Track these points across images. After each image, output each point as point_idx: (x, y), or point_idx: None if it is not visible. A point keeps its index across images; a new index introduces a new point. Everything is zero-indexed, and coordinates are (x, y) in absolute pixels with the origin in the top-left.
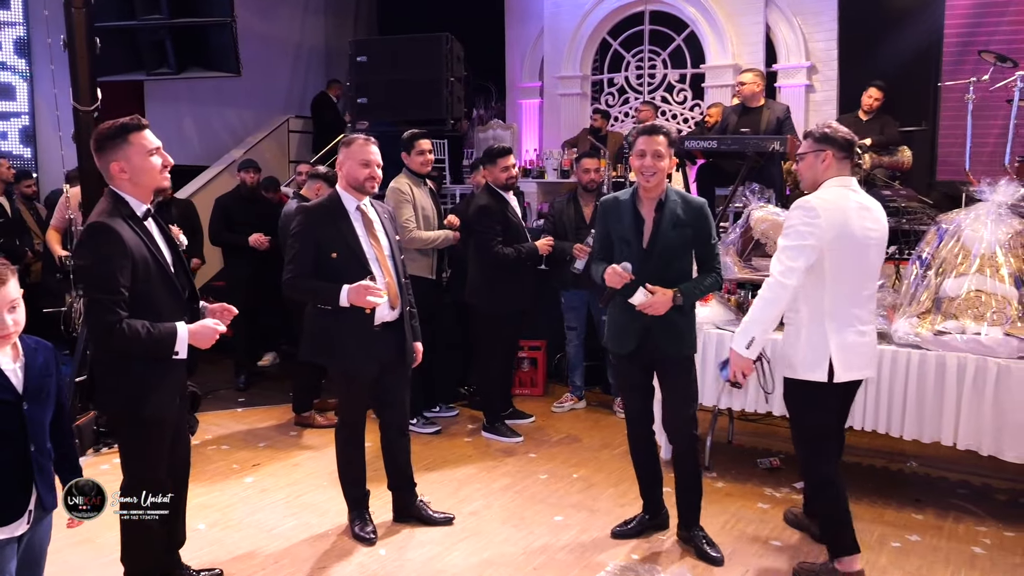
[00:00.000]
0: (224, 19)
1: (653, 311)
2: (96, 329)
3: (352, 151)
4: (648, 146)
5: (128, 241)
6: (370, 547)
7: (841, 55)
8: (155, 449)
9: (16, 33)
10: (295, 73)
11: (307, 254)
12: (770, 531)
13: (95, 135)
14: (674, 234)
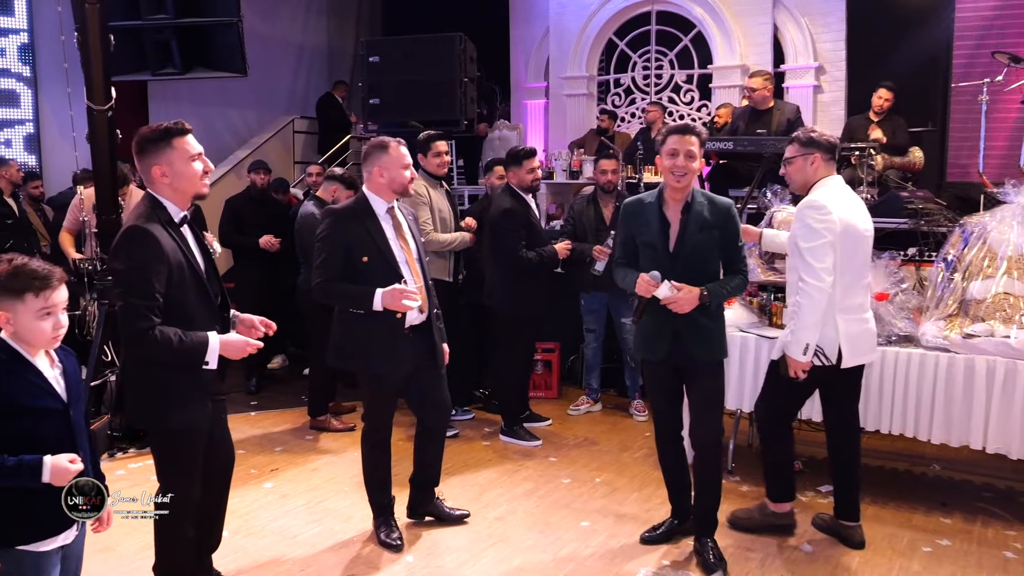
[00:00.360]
0: (230, 19)
1: (678, 307)
2: (128, 334)
3: (392, 156)
4: (681, 145)
5: (165, 246)
6: (397, 553)
7: (849, 56)
8: (187, 460)
9: (20, 39)
10: (298, 74)
11: (337, 258)
12: (799, 536)
13: (137, 137)
14: (701, 236)
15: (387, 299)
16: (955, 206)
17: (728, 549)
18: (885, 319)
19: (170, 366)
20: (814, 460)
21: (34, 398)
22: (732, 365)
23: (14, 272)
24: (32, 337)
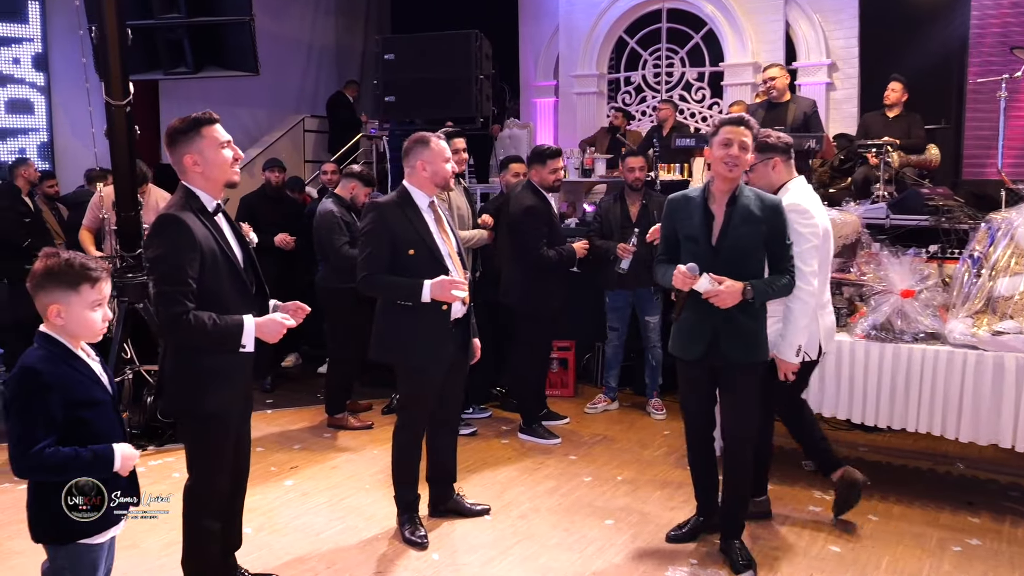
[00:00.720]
0: (242, 18)
1: (719, 301)
2: (163, 319)
3: (434, 150)
4: (735, 136)
5: (197, 234)
6: (422, 551)
7: (862, 53)
8: (218, 449)
9: (34, 48)
10: (307, 73)
11: (383, 251)
12: (826, 536)
13: (168, 130)
14: (745, 230)
15: (436, 290)
16: (972, 203)
17: (754, 549)
18: (911, 316)
19: (206, 351)
20: None
21: (88, 390)
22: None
23: (69, 264)
24: (83, 329)
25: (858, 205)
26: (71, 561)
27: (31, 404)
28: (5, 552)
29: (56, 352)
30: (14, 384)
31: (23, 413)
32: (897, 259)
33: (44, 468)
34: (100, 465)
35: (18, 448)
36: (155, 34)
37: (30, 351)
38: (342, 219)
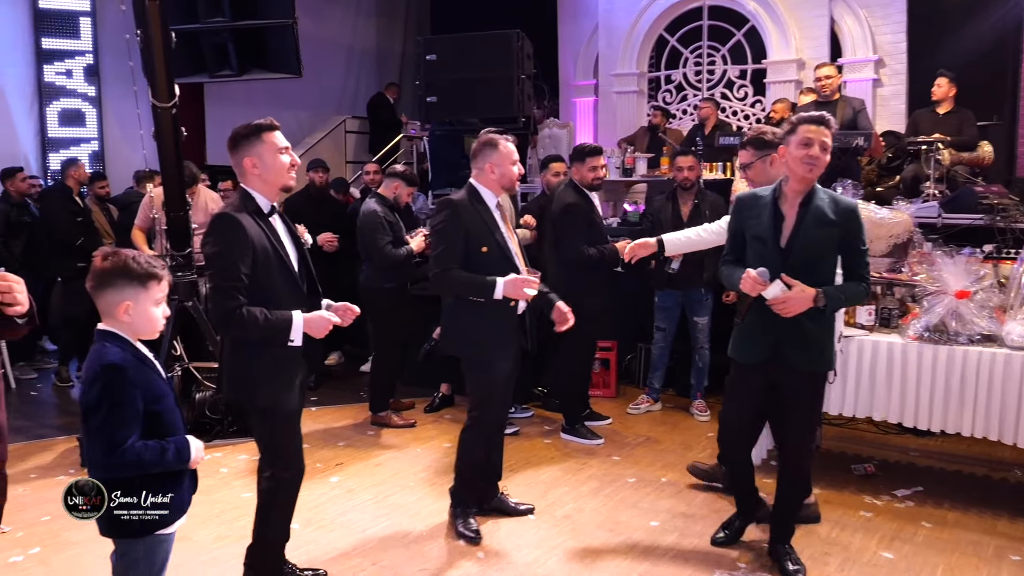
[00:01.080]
0: (286, 21)
1: (786, 309)
2: (217, 313)
3: (503, 153)
4: (816, 136)
5: (251, 233)
6: (473, 546)
7: (911, 48)
8: (283, 436)
9: (86, 61)
10: (348, 75)
11: (458, 247)
12: (878, 542)
13: (232, 134)
14: (818, 233)
15: (509, 288)
16: None
17: (804, 554)
18: (966, 318)
19: (258, 346)
20: (887, 463)
21: (158, 384)
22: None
23: (136, 262)
24: (148, 325)
25: (909, 204)
26: (147, 552)
27: (121, 401)
28: (62, 543)
29: (128, 349)
30: (101, 383)
31: (114, 410)
32: (951, 259)
33: (137, 463)
34: (182, 457)
35: (111, 445)
36: (200, 38)
37: (104, 349)
38: (385, 219)
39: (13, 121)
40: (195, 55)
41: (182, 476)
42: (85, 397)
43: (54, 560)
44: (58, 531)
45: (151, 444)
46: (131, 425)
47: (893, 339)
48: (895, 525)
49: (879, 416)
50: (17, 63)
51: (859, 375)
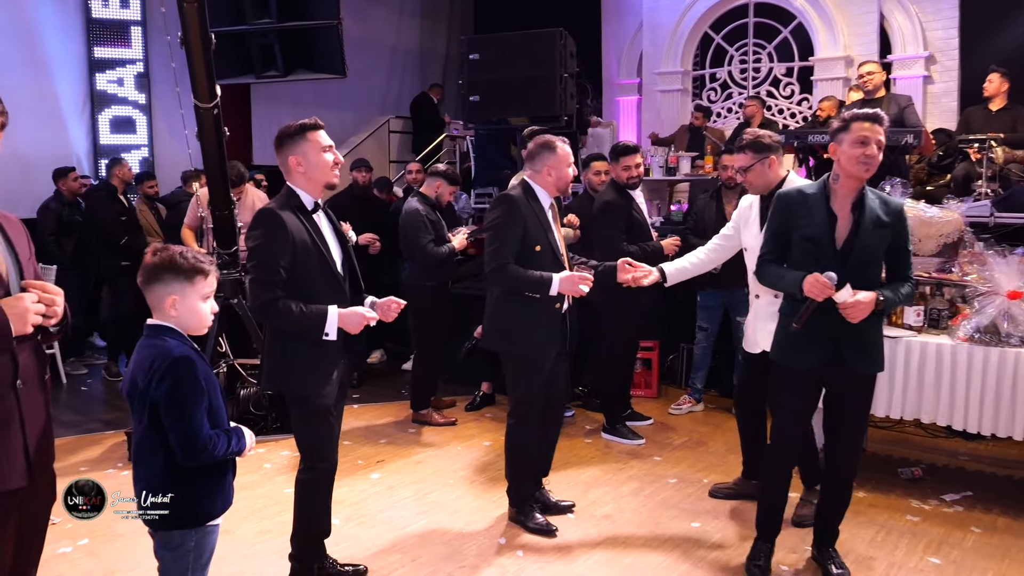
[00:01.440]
0: (330, 22)
1: (854, 313)
2: (256, 304)
3: (560, 156)
4: (872, 134)
5: (290, 228)
6: (551, 537)
7: (963, 44)
8: (318, 429)
9: (137, 69)
10: (392, 75)
11: (515, 243)
12: (925, 547)
13: (278, 133)
14: (874, 235)
15: (565, 285)
16: None
17: (848, 558)
18: (1019, 319)
19: (296, 338)
20: (934, 467)
21: (211, 377)
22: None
23: (183, 257)
24: (195, 319)
25: (960, 203)
26: (198, 542)
27: (194, 393)
28: (111, 534)
29: (187, 342)
30: (173, 376)
31: (188, 402)
32: (1003, 259)
33: (212, 452)
34: (241, 444)
35: (190, 437)
36: (247, 39)
37: (166, 344)
38: (427, 217)
39: (67, 127)
40: (242, 56)
41: (229, 467)
42: (155, 391)
43: (103, 551)
44: (107, 523)
45: (219, 433)
46: (204, 415)
47: (942, 340)
48: (943, 530)
49: (927, 419)
50: (71, 71)
51: (907, 377)
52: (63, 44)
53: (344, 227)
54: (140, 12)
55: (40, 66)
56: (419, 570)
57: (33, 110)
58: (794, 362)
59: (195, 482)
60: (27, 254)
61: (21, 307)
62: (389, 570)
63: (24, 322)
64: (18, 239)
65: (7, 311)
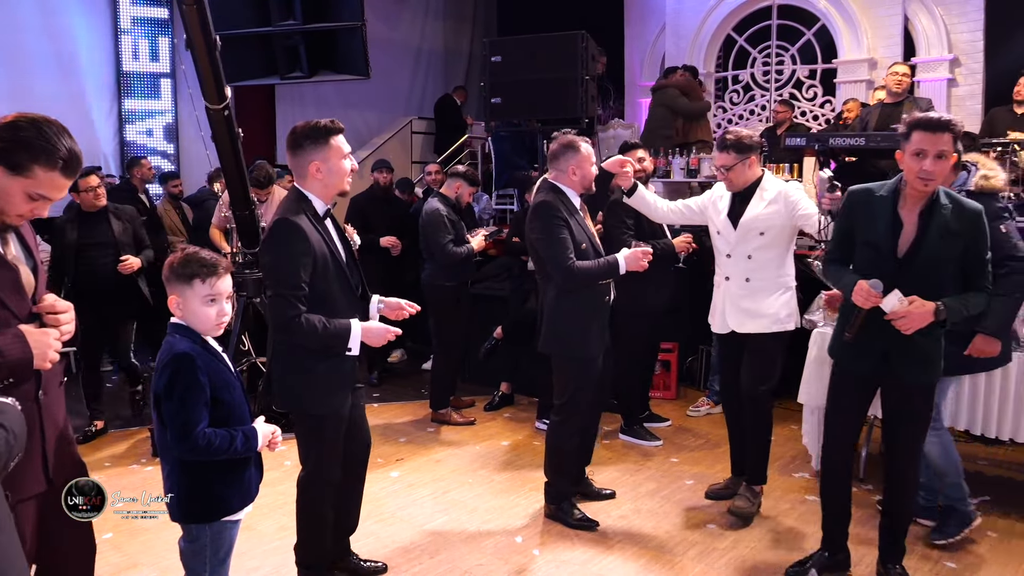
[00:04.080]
0: (355, 23)
1: (906, 325)
2: (278, 323)
3: (583, 155)
4: (931, 145)
5: (311, 238)
6: (593, 531)
7: (988, 46)
8: (328, 442)
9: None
10: (415, 76)
11: (569, 243)
12: (940, 550)
13: (294, 133)
14: (940, 245)
15: (631, 261)
16: None
17: (863, 561)
18: None
19: (314, 353)
20: None
21: (224, 374)
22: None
23: (185, 260)
24: (198, 322)
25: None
26: (213, 537)
27: (192, 388)
28: (135, 528)
29: (196, 339)
30: (171, 370)
31: (185, 396)
32: None
33: (208, 448)
34: (250, 445)
35: (184, 430)
36: (272, 41)
37: (174, 340)
38: (448, 218)
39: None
40: (267, 57)
41: (248, 464)
42: (156, 384)
43: (127, 545)
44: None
45: (220, 431)
46: (201, 411)
47: None
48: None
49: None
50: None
51: None
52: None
53: (349, 231)
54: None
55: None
56: (438, 567)
57: (61, 111)
58: (846, 365)
59: (211, 477)
60: (39, 260)
61: (45, 342)
62: (409, 567)
63: (44, 359)
64: (33, 245)
65: (32, 344)
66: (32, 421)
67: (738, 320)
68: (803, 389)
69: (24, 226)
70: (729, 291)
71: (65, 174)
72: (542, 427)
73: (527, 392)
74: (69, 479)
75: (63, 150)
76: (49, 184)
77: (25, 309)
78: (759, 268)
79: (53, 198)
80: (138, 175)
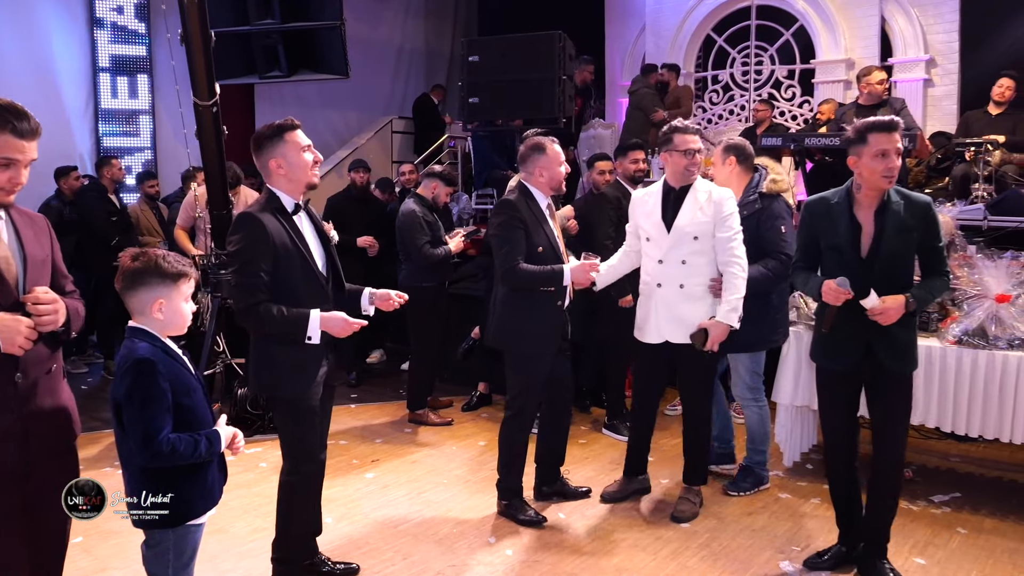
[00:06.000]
0: (333, 23)
1: (885, 319)
2: (238, 308)
3: (550, 156)
4: (891, 144)
5: (271, 231)
6: (540, 528)
7: (963, 47)
8: (304, 432)
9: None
10: (397, 75)
11: (521, 244)
12: (911, 547)
13: (255, 136)
14: (898, 240)
15: (577, 274)
16: None
17: (829, 557)
18: (1006, 322)
19: (281, 340)
20: (925, 468)
21: (186, 378)
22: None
23: (168, 260)
24: (179, 321)
25: (953, 206)
26: (176, 542)
27: (153, 394)
28: (104, 532)
29: (157, 344)
30: (132, 377)
31: (147, 403)
32: (992, 262)
33: (172, 455)
34: (214, 447)
35: (146, 438)
36: (251, 39)
37: (133, 345)
38: (424, 219)
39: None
40: (245, 57)
41: (210, 466)
42: (116, 391)
43: (97, 549)
44: (100, 521)
45: (184, 437)
46: (163, 417)
47: (932, 343)
48: (930, 531)
49: (918, 420)
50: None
51: None
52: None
53: (327, 227)
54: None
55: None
56: (410, 568)
57: (37, 111)
58: (829, 363)
59: (173, 482)
60: (42, 254)
61: (14, 329)
62: (381, 568)
63: (12, 344)
64: (36, 239)
65: (1, 329)
66: (7, 402)
67: (671, 330)
68: (777, 388)
69: (24, 219)
70: (663, 298)
71: (16, 135)
72: None
73: (504, 392)
74: (55, 467)
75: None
76: (4, 146)
77: (7, 298)
78: (694, 274)
79: (15, 159)
80: (108, 175)
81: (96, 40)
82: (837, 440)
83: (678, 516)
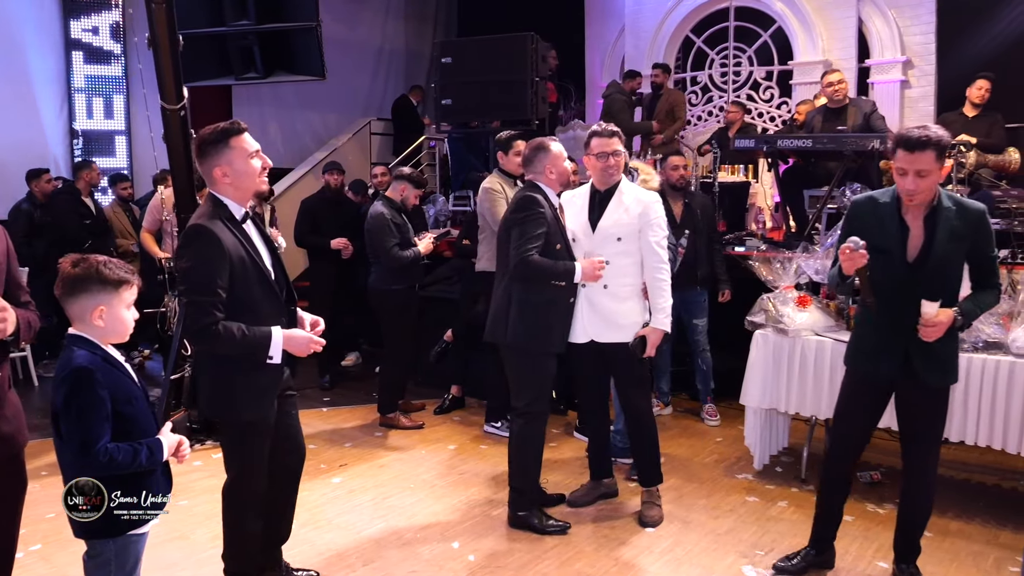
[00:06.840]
0: (309, 23)
1: (933, 332)
2: (193, 330)
3: (555, 154)
4: (910, 164)
5: (226, 243)
6: (564, 535)
7: (940, 49)
8: (253, 452)
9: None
10: (376, 76)
11: (540, 237)
12: (875, 550)
13: (197, 141)
14: (949, 248)
15: (587, 271)
16: None
17: (794, 560)
18: (973, 324)
19: (238, 361)
20: (895, 470)
21: (127, 387)
22: (807, 369)
23: (110, 267)
24: (121, 328)
25: None
26: (119, 552)
27: (91, 404)
28: (64, 540)
29: (97, 352)
30: (69, 386)
31: (84, 413)
32: None
33: (110, 464)
34: (155, 458)
35: (83, 447)
36: (226, 41)
37: (72, 353)
38: (392, 221)
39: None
40: (221, 58)
41: (152, 475)
42: (54, 400)
43: (55, 557)
44: (60, 528)
45: (123, 446)
46: (101, 426)
47: None
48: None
49: (883, 423)
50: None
51: None
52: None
53: (272, 233)
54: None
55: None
56: (372, 574)
57: (8, 107)
58: (864, 369)
59: (112, 492)
60: None
61: None
62: (341, 574)
63: None
64: None
65: None
66: None
67: (598, 330)
68: (745, 390)
69: None
70: (588, 298)
71: None
72: (491, 430)
73: (477, 395)
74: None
75: None
76: None
77: None
78: (618, 274)
79: None
80: (86, 178)
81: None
82: (847, 447)
83: (646, 521)
